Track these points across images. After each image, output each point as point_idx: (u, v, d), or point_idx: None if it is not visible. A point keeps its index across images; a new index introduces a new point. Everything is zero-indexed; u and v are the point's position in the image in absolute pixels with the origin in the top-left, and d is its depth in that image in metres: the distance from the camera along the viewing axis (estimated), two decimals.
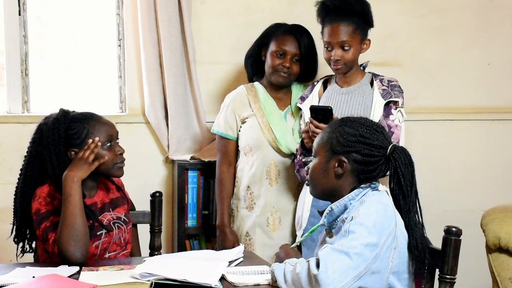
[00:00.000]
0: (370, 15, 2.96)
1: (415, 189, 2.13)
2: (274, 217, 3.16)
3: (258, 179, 3.16)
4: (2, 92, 3.58)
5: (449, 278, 2.11)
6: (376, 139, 2.13)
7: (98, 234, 2.48)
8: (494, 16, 3.93)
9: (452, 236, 2.10)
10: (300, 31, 3.15)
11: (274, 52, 3.12)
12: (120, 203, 2.64)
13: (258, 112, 3.16)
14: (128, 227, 2.63)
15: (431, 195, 3.83)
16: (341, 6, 2.90)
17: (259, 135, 3.14)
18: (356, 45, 2.90)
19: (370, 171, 2.13)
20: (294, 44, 3.12)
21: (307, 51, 3.13)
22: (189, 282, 2.06)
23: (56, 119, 2.47)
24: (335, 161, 2.15)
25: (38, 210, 2.43)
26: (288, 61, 3.11)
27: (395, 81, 2.97)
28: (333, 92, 3.00)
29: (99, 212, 2.52)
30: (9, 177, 3.49)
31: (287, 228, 3.17)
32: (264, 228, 3.17)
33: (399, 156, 2.11)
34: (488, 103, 3.98)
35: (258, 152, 3.15)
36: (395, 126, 2.87)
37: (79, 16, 3.69)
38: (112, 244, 2.54)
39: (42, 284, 2.06)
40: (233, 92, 3.28)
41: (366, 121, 2.19)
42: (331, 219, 2.17)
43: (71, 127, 2.45)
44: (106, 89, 3.73)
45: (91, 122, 2.47)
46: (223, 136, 3.24)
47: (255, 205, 3.18)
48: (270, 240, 3.16)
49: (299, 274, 1.98)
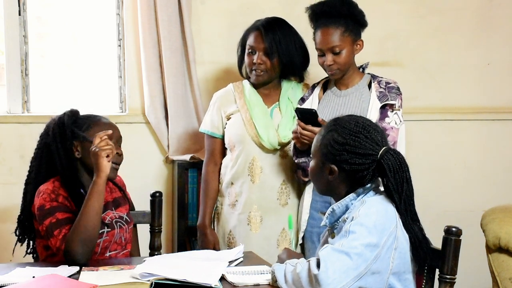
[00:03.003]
0: (360, 15, 2.92)
1: (409, 193, 2.11)
2: (256, 216, 3.07)
3: (240, 175, 3.09)
4: (2, 92, 3.58)
5: (449, 278, 2.11)
6: (364, 147, 2.11)
7: (100, 232, 2.47)
8: (494, 16, 3.93)
9: (452, 236, 2.10)
10: (269, 25, 3.07)
11: (247, 51, 3.09)
12: (122, 203, 2.66)
13: (242, 108, 3.10)
14: (130, 227, 2.64)
15: (431, 195, 3.84)
16: (327, 10, 2.88)
17: (242, 130, 3.08)
18: (347, 47, 2.87)
19: (360, 178, 2.13)
20: (260, 38, 3.05)
21: (279, 44, 3.03)
22: (189, 282, 2.06)
23: (63, 115, 2.54)
24: (327, 168, 2.16)
25: (42, 205, 2.43)
26: (258, 57, 3.04)
27: (393, 82, 2.93)
28: (331, 94, 2.99)
29: (102, 210, 2.52)
30: (9, 177, 3.50)
31: (269, 228, 3.07)
32: (245, 226, 3.08)
33: (388, 162, 2.09)
34: (488, 103, 3.98)
35: (241, 148, 3.08)
36: (390, 128, 2.84)
37: (79, 16, 3.69)
38: (113, 243, 2.55)
39: (42, 284, 2.06)
40: (221, 90, 3.24)
41: (356, 126, 2.14)
42: (332, 220, 2.17)
43: (77, 122, 2.51)
44: (106, 89, 3.73)
45: (96, 121, 2.53)
46: (209, 135, 3.19)
47: (237, 202, 3.10)
48: (250, 239, 3.05)
49: (299, 274, 1.98)
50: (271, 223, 3.08)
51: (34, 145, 2.62)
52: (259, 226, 3.08)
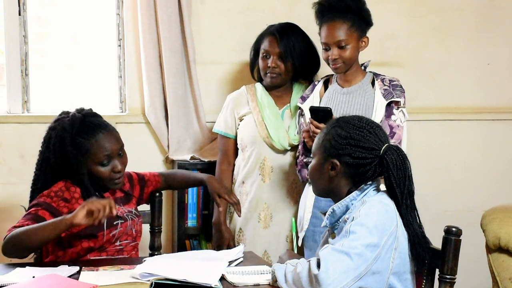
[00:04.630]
0: (366, 12, 2.94)
1: (411, 189, 2.12)
2: (266, 213, 3.18)
3: (251, 175, 3.19)
4: (2, 92, 3.58)
5: (449, 278, 2.11)
6: (368, 141, 2.12)
7: (114, 224, 2.55)
8: (494, 16, 3.93)
9: (452, 236, 2.10)
10: (283, 30, 3.16)
11: (261, 55, 3.18)
12: (130, 199, 2.71)
13: (254, 109, 3.19)
14: (140, 220, 2.69)
15: (431, 195, 3.84)
16: (335, 4, 2.90)
17: (254, 131, 3.17)
18: (353, 42, 2.89)
19: (363, 173, 2.13)
20: (275, 43, 3.13)
21: (293, 49, 3.12)
22: (189, 282, 2.06)
23: (63, 129, 2.51)
24: (328, 163, 2.16)
25: (37, 198, 2.50)
26: (273, 61, 3.13)
27: (396, 80, 2.96)
28: (334, 92, 2.99)
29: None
30: (9, 177, 3.50)
31: (278, 225, 3.18)
32: (255, 224, 3.19)
33: (391, 157, 2.10)
34: (488, 103, 3.98)
35: (252, 148, 3.18)
36: (396, 126, 2.86)
37: (79, 16, 3.69)
38: (124, 234, 2.59)
39: (42, 284, 2.06)
40: (234, 92, 3.32)
41: (359, 122, 2.17)
42: (333, 220, 2.17)
43: (76, 140, 2.49)
44: (106, 89, 3.73)
45: (96, 137, 2.50)
46: (222, 135, 3.28)
47: (247, 200, 3.20)
48: (261, 236, 3.18)
49: (299, 274, 1.98)
50: (281, 220, 3.18)
51: (34, 145, 2.62)
52: (269, 223, 3.18)
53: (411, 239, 2.10)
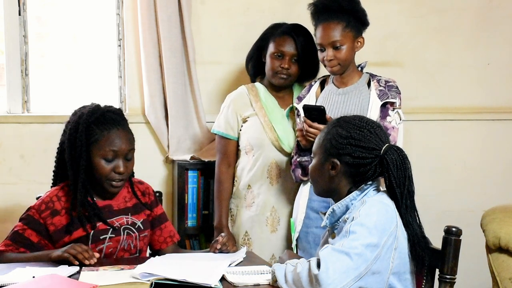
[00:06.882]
0: (362, 11, 2.93)
1: (411, 190, 2.12)
2: (274, 217, 3.15)
3: (259, 178, 3.15)
4: (2, 92, 3.58)
5: (449, 278, 2.11)
6: (368, 140, 2.13)
7: (101, 238, 2.47)
8: (494, 16, 3.94)
9: (452, 236, 2.10)
10: (298, 31, 3.14)
11: (272, 54, 3.12)
12: (142, 209, 2.61)
13: (259, 111, 3.16)
14: (142, 235, 2.57)
15: (431, 195, 3.84)
16: (329, 5, 2.89)
17: (261, 134, 3.13)
18: (348, 43, 2.88)
19: (363, 173, 2.13)
20: (291, 44, 3.10)
21: (305, 51, 3.10)
22: (189, 282, 2.06)
23: (82, 115, 2.50)
24: (329, 163, 2.16)
25: (29, 207, 2.49)
26: (286, 62, 3.09)
27: (392, 81, 2.94)
28: (330, 92, 2.99)
29: (112, 215, 2.51)
30: (9, 177, 3.50)
31: (285, 228, 3.15)
32: (263, 227, 3.16)
33: (391, 157, 2.10)
34: (488, 103, 3.98)
35: (260, 151, 3.14)
36: (391, 127, 2.84)
37: (79, 16, 3.69)
38: (119, 250, 2.52)
39: (42, 284, 2.06)
40: (234, 92, 3.27)
41: (360, 122, 2.17)
42: (333, 220, 2.17)
43: (90, 127, 2.46)
44: (106, 89, 3.73)
45: (109, 131, 2.47)
46: (223, 136, 3.22)
47: (254, 203, 3.16)
48: (268, 240, 3.15)
49: (299, 274, 1.99)
50: (288, 224, 3.13)
51: (34, 145, 2.62)
52: (277, 227, 3.15)
53: (411, 239, 2.10)
